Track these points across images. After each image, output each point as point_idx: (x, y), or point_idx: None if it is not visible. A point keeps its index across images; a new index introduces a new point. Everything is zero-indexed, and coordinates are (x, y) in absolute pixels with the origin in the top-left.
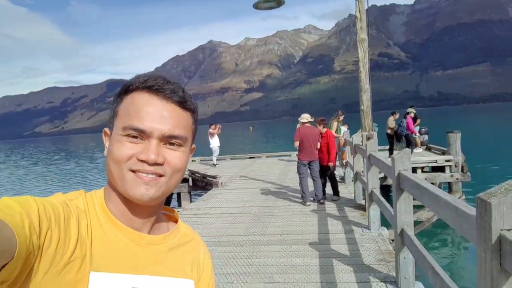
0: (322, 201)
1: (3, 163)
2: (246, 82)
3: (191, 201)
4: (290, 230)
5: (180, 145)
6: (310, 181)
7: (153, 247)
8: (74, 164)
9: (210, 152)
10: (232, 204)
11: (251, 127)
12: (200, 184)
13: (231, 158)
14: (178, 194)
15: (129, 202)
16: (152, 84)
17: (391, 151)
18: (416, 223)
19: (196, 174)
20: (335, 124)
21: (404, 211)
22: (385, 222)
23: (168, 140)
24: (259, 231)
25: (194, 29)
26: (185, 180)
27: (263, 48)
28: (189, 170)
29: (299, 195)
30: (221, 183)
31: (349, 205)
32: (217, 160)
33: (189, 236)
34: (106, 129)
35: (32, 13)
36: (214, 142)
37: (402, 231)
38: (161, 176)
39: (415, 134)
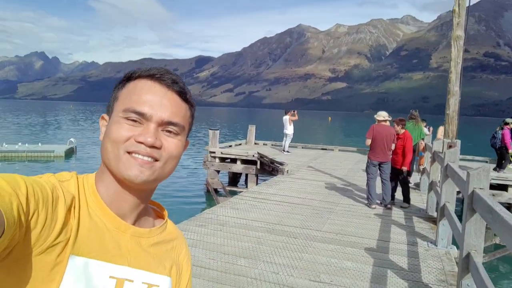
0: (389, 206)
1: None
2: (331, 70)
3: (257, 184)
4: (348, 231)
5: (177, 133)
6: (379, 183)
7: (137, 239)
8: None
9: (281, 138)
10: (294, 194)
11: (330, 118)
12: (268, 168)
13: (302, 147)
14: (246, 175)
15: (120, 184)
16: (155, 73)
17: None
18: (499, 247)
19: (265, 158)
20: (424, 127)
21: (474, 234)
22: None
23: (166, 126)
24: (315, 226)
25: (284, 11)
26: (253, 163)
27: (354, 36)
28: (258, 153)
29: (366, 196)
30: (287, 170)
31: (418, 215)
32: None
33: (174, 234)
34: (104, 115)
35: None
36: (291, 129)
37: (468, 255)
38: (156, 160)
39: (510, 149)
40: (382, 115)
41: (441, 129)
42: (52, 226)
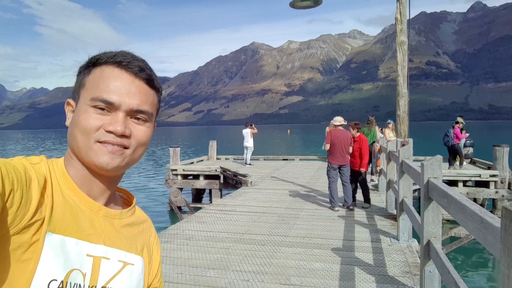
0: (351, 207)
1: (55, 150)
2: (287, 85)
3: (221, 198)
4: (314, 234)
5: (145, 120)
6: (340, 186)
7: (110, 220)
8: None
9: (242, 152)
10: (259, 204)
11: (289, 131)
12: (231, 182)
13: (264, 159)
14: (210, 191)
15: (89, 170)
16: (121, 60)
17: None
18: (454, 239)
19: (228, 172)
20: (386, 131)
21: (432, 222)
22: (417, 234)
23: (135, 114)
24: (282, 232)
25: (236, 30)
26: (216, 177)
27: (306, 51)
28: (220, 167)
29: (328, 200)
30: (251, 182)
31: (379, 213)
32: (250, 159)
33: (142, 217)
34: (70, 100)
35: (85, 9)
36: (251, 142)
37: (429, 242)
38: (126, 148)
39: (465, 136)
40: (338, 120)
41: (386, 132)
42: (28, 205)
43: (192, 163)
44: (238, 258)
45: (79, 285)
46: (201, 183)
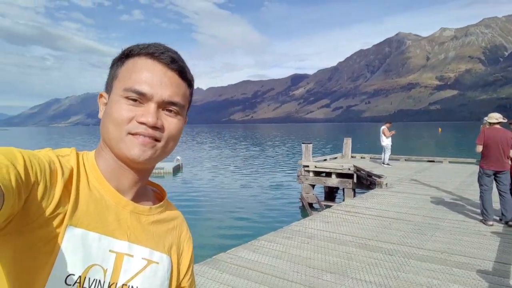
0: (511, 223)
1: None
2: (438, 78)
3: (353, 198)
4: (456, 250)
5: (177, 112)
6: (496, 197)
7: (137, 216)
8: (259, 150)
9: (380, 150)
10: (392, 208)
11: (439, 129)
12: (365, 182)
13: (405, 159)
14: (343, 190)
15: (120, 162)
16: (153, 51)
17: None
18: None
19: (361, 171)
20: None
21: None
22: None
23: (167, 106)
24: (415, 243)
25: (379, 22)
26: (349, 176)
27: (463, 39)
28: (354, 166)
29: (480, 211)
30: (386, 183)
31: None
32: (389, 159)
33: (173, 214)
34: (103, 93)
35: (233, 15)
36: (387, 141)
37: None
38: (157, 140)
39: None
40: (495, 117)
41: None
42: (51, 198)
43: (325, 160)
44: (359, 265)
45: (99, 281)
46: (333, 181)
